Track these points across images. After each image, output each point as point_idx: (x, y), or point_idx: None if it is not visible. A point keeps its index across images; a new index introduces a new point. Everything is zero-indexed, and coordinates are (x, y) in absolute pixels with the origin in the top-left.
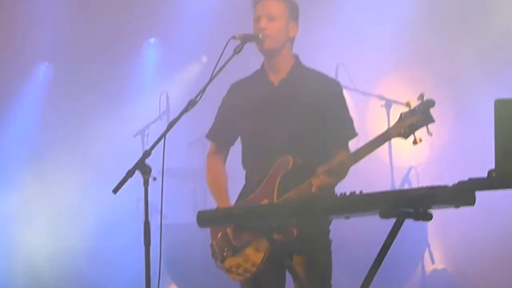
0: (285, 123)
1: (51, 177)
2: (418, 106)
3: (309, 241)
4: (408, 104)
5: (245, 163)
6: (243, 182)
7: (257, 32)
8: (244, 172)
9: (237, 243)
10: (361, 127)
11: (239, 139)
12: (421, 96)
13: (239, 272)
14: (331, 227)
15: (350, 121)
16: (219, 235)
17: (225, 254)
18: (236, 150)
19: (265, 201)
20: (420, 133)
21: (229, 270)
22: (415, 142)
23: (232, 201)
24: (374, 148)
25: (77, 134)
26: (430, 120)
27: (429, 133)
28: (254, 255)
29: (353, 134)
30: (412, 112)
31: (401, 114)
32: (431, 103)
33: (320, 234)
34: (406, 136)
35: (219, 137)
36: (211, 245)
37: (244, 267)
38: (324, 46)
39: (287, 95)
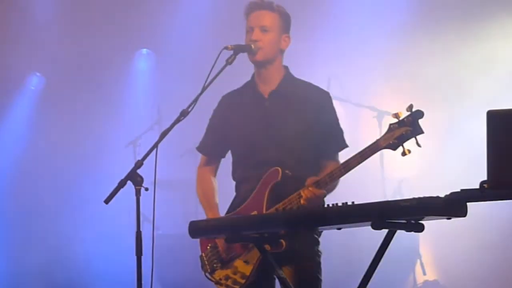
0: (274, 134)
1: (42, 186)
2: (407, 117)
3: (298, 253)
4: (396, 115)
5: (234, 175)
6: (234, 194)
7: (250, 43)
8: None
9: (227, 255)
10: (353, 138)
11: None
12: (410, 107)
13: (228, 284)
14: (322, 238)
15: (340, 132)
16: (209, 246)
17: (214, 265)
18: (227, 162)
19: (254, 213)
20: (410, 144)
21: (218, 282)
22: (404, 154)
23: (222, 213)
24: (363, 159)
25: (69, 144)
26: (419, 131)
27: (418, 144)
28: (243, 267)
29: (343, 145)
30: (400, 123)
31: (390, 125)
32: (419, 114)
33: (309, 246)
34: (394, 147)
35: (210, 149)
36: (201, 257)
37: (233, 279)
38: (316, 58)
39: (277, 107)
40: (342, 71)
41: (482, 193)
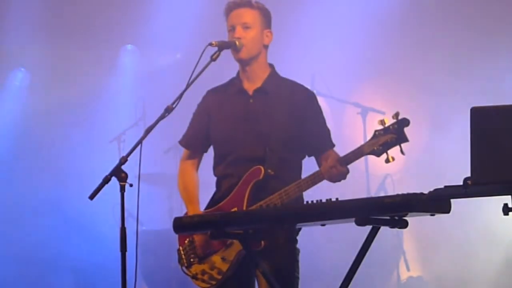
0: (257, 132)
1: (27, 182)
2: (393, 125)
3: (275, 250)
4: (382, 122)
5: (216, 170)
6: (214, 189)
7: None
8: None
9: (203, 251)
10: (337, 135)
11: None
12: (396, 115)
13: (205, 279)
14: (304, 234)
15: (327, 132)
16: (187, 240)
17: (191, 260)
18: (211, 157)
19: (234, 210)
20: (393, 151)
21: (194, 277)
22: (387, 161)
23: (202, 207)
24: (347, 164)
25: (53, 139)
26: (404, 139)
27: (402, 152)
28: (221, 263)
29: (329, 145)
30: (386, 130)
31: (375, 132)
32: (405, 123)
33: (287, 243)
34: (378, 154)
35: (192, 143)
36: (178, 250)
37: (209, 274)
38: (300, 54)
39: (261, 105)
40: (326, 67)
41: (466, 190)
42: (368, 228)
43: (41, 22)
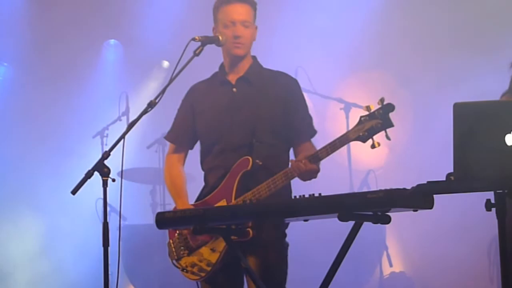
0: (243, 121)
1: (8, 176)
2: (378, 110)
3: (264, 243)
4: (368, 108)
5: (203, 164)
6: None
7: (233, 38)
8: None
9: (194, 243)
10: (320, 130)
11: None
12: (381, 101)
13: (194, 271)
14: (289, 228)
15: (309, 118)
16: (177, 234)
17: (181, 253)
18: (197, 151)
19: (223, 201)
20: (379, 137)
21: (184, 269)
22: (373, 146)
23: (192, 201)
24: (332, 151)
25: (36, 134)
26: (389, 125)
27: (387, 137)
28: (210, 255)
29: (313, 132)
30: (371, 116)
31: (360, 118)
32: (390, 108)
33: (276, 237)
34: (364, 140)
35: (177, 139)
36: (168, 244)
37: (199, 266)
38: (284, 49)
39: (245, 94)
40: (309, 62)
41: (448, 185)
42: (351, 223)
43: (24, 17)
